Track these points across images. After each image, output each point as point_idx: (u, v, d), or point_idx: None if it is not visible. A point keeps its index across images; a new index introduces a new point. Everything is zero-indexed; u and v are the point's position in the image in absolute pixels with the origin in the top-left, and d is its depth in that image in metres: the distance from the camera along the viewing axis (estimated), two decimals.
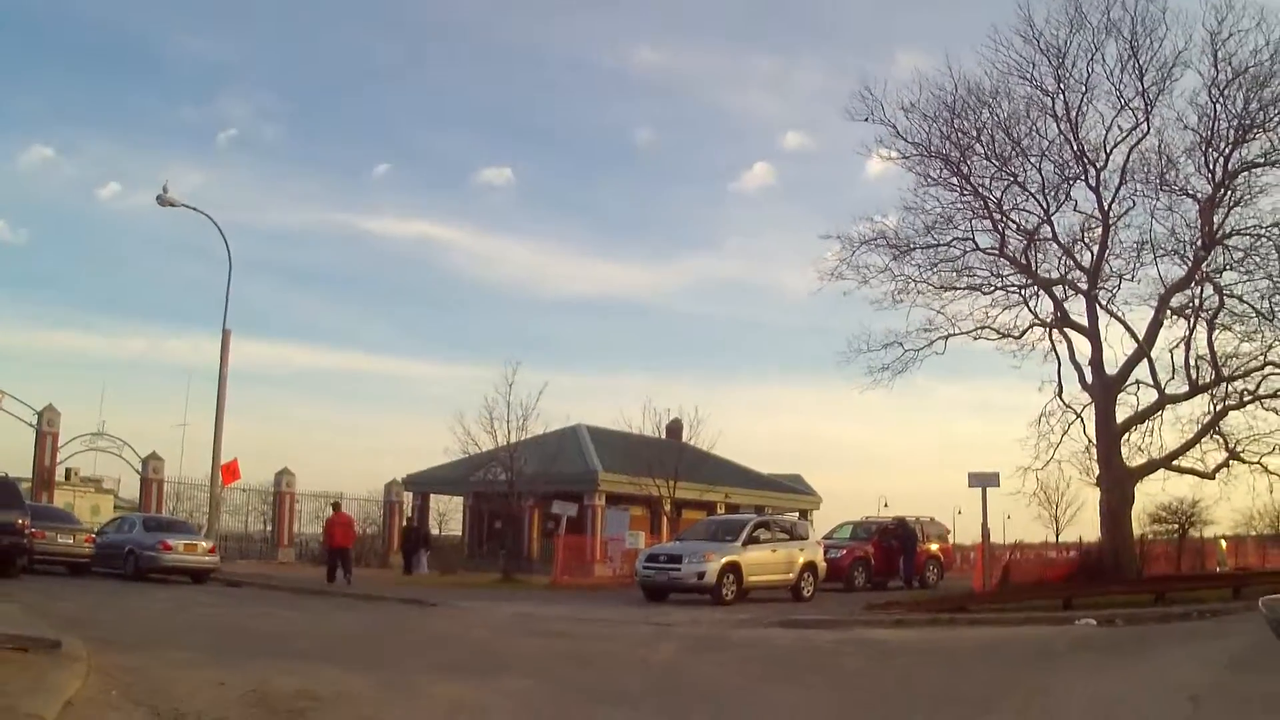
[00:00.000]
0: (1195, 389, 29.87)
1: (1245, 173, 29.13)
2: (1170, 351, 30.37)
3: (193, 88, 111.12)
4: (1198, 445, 30.55)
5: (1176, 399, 30.18)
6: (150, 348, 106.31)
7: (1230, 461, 30.59)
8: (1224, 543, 42.76)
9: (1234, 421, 30.60)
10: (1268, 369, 29.59)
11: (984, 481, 27.05)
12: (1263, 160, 28.83)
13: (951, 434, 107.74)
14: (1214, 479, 31.32)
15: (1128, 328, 30.21)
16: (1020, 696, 10.20)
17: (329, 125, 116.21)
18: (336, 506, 33.90)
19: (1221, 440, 30.64)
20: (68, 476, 40.45)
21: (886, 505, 56.86)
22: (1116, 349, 30.57)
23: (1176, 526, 46.09)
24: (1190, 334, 30.10)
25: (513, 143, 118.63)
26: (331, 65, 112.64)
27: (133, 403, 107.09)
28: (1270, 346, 29.57)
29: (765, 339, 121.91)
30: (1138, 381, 30.50)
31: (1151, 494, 33.64)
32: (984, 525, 27.93)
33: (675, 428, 43.24)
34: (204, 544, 28.81)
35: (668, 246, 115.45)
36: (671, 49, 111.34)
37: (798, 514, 46.88)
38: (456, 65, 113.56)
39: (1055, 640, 16.51)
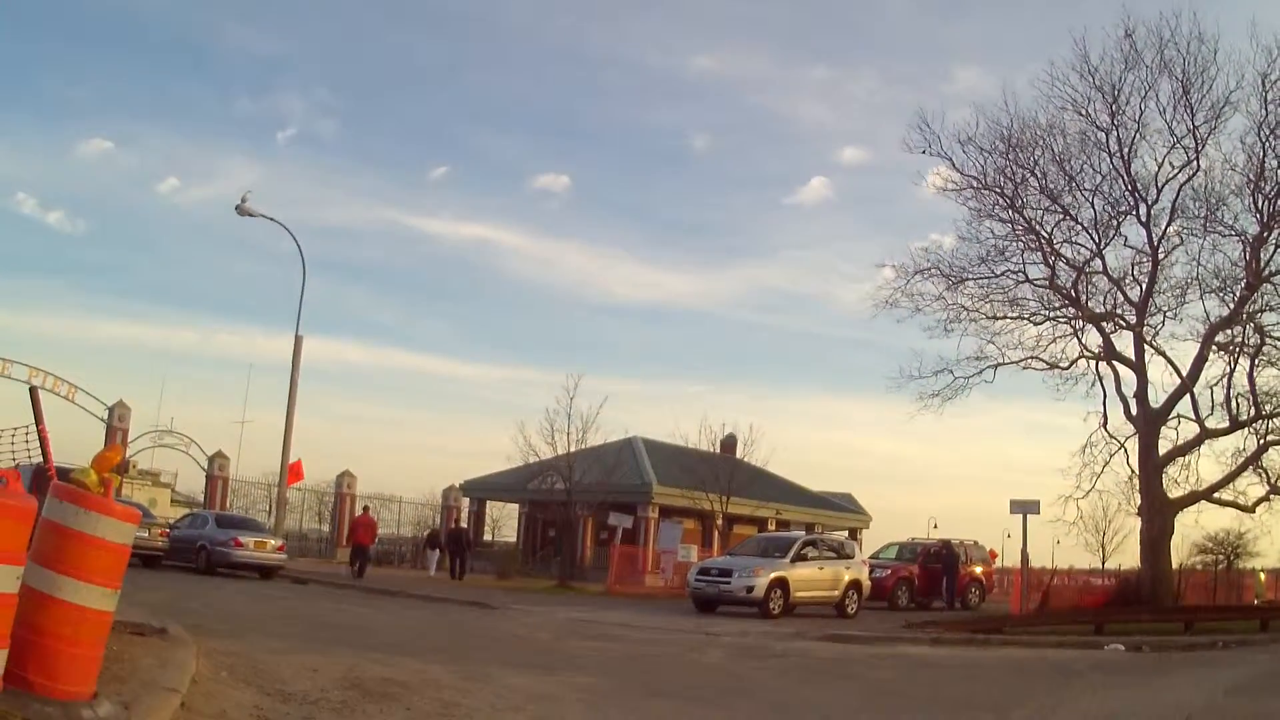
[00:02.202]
0: (1235, 424, 30.49)
1: None
2: (1211, 387, 31.06)
3: (248, 82, 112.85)
4: (1238, 479, 31.21)
5: (1217, 433, 30.78)
6: (203, 340, 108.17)
7: (1270, 496, 31.18)
8: (1263, 575, 43.13)
9: (1275, 456, 31.24)
10: None
11: (1025, 509, 27.98)
12: None
13: (1004, 454, 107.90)
14: (1254, 513, 31.99)
15: (1171, 363, 30.95)
16: (1031, 707, 11.28)
17: (384, 124, 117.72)
18: (366, 510, 38.29)
19: (1264, 475, 31.23)
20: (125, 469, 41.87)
21: (936, 526, 57.11)
22: (1159, 383, 31.37)
23: (1222, 557, 46.54)
24: (1232, 370, 30.75)
25: (567, 146, 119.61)
26: (386, 64, 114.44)
27: (185, 394, 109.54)
28: None
29: (819, 351, 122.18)
30: (1179, 416, 31.21)
31: (1198, 525, 34.17)
32: (1023, 550, 28.86)
33: (729, 443, 44.11)
34: (273, 542, 30.01)
35: (722, 254, 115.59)
36: (724, 55, 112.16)
37: (847, 532, 47.47)
38: (509, 68, 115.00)
39: (1078, 662, 17.43)
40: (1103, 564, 59.85)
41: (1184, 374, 30.62)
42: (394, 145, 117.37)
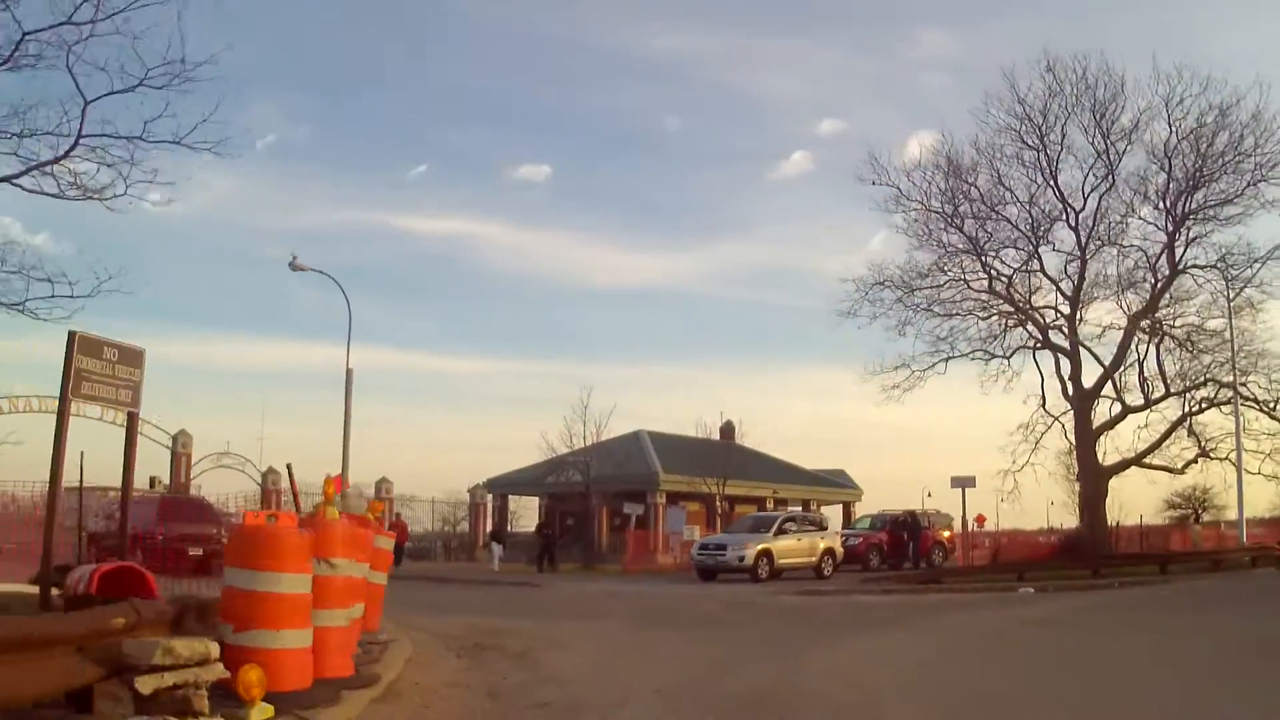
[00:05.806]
0: (1149, 401, 36.09)
1: (1194, 217, 35.22)
2: (1122, 372, 36.84)
3: (217, 93, 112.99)
4: (1167, 444, 36.75)
5: (1135, 409, 36.35)
6: (202, 352, 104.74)
7: (1199, 458, 36.80)
8: (1199, 527, 48.61)
9: (1205, 420, 37.07)
10: (1207, 384, 35.81)
11: (963, 483, 33.83)
12: (1212, 204, 34.98)
13: (987, 418, 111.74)
14: (1184, 474, 37.62)
15: (1092, 353, 36.58)
16: (916, 623, 16.68)
17: (356, 126, 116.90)
18: (399, 515, 44.51)
19: (1196, 439, 36.79)
20: (152, 485, 42.73)
21: (930, 495, 59.54)
22: (1089, 366, 36.91)
23: (1190, 511, 52.00)
24: (1143, 356, 36.70)
25: (542, 137, 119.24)
26: (352, 67, 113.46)
27: (194, 407, 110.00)
28: (1208, 366, 36.00)
29: (806, 325, 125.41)
30: (1103, 397, 36.72)
31: (1121, 489, 39.60)
32: (963, 516, 34.66)
33: (728, 429, 49.41)
34: None
35: (703, 234, 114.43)
36: (689, 34, 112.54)
37: (841, 506, 53.55)
38: (476, 60, 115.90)
39: (986, 600, 22.75)
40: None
41: (1106, 362, 36.21)
42: (370, 146, 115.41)
